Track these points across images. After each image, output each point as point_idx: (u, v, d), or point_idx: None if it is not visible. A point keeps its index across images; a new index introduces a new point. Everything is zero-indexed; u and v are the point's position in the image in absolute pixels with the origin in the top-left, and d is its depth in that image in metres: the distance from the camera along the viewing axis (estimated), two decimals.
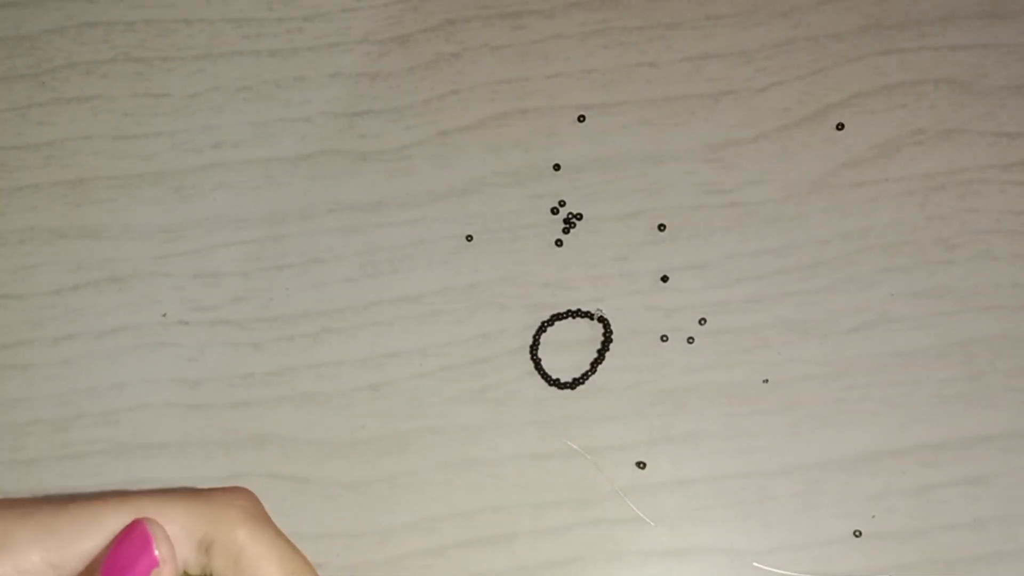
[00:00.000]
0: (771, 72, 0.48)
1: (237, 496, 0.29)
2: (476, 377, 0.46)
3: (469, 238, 0.47)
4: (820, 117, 0.48)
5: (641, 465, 0.45)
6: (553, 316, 0.46)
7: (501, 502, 0.45)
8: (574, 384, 0.46)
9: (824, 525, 0.44)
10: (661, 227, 0.47)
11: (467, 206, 0.47)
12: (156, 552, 0.26)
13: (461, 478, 0.45)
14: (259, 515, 0.29)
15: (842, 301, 0.46)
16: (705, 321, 0.46)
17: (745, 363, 0.46)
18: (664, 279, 0.47)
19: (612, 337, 0.46)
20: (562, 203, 0.47)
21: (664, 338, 0.46)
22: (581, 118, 0.48)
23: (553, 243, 0.47)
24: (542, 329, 0.46)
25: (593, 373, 0.46)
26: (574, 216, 0.47)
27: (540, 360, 0.46)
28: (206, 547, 0.27)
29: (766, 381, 0.46)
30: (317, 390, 0.46)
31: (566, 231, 0.47)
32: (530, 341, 0.46)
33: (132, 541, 0.26)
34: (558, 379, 0.46)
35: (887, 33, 0.49)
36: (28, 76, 0.48)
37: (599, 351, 0.46)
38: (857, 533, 0.44)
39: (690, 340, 0.46)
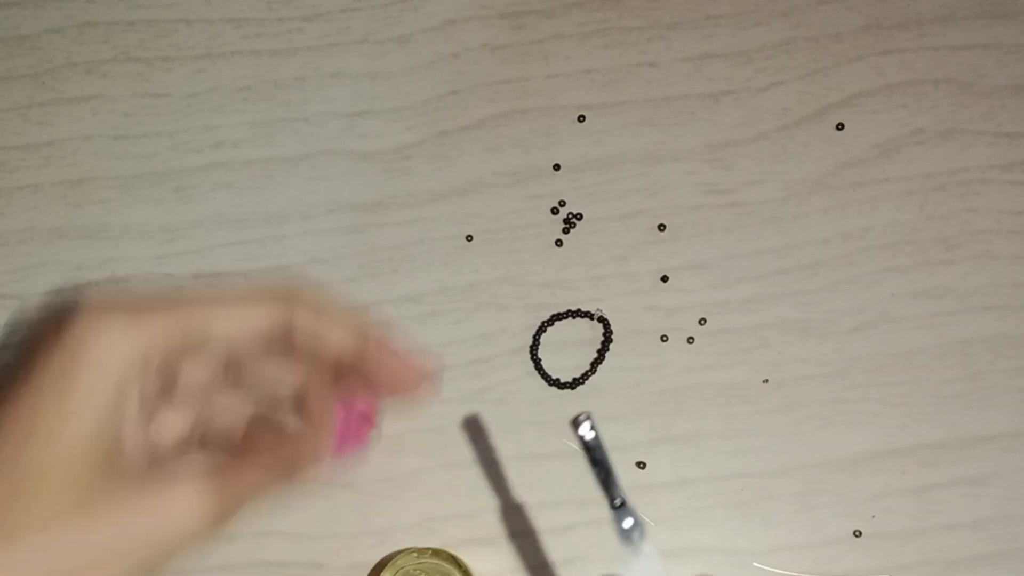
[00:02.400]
0: (771, 72, 0.48)
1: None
2: (476, 377, 0.46)
3: (469, 238, 0.47)
4: (820, 117, 0.48)
5: (641, 465, 0.45)
6: (553, 316, 0.46)
7: (501, 502, 0.45)
8: (574, 384, 0.46)
9: (824, 525, 0.44)
10: (661, 227, 0.47)
11: (467, 206, 0.47)
12: None
13: (461, 478, 0.45)
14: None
15: (842, 301, 0.46)
16: (705, 321, 0.46)
17: (745, 363, 0.46)
18: (664, 279, 0.47)
19: (612, 337, 0.46)
20: (562, 203, 0.47)
21: (664, 338, 0.46)
22: (581, 118, 0.48)
23: (553, 243, 0.47)
24: (542, 329, 0.46)
25: (593, 373, 0.46)
26: (574, 216, 0.47)
27: (540, 360, 0.46)
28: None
29: (766, 381, 0.46)
30: None
31: (566, 231, 0.47)
32: (530, 341, 0.46)
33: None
34: (558, 379, 0.46)
35: (887, 33, 0.49)
36: (28, 76, 0.48)
37: (599, 351, 0.46)
38: (857, 533, 0.44)
39: (690, 340, 0.46)
